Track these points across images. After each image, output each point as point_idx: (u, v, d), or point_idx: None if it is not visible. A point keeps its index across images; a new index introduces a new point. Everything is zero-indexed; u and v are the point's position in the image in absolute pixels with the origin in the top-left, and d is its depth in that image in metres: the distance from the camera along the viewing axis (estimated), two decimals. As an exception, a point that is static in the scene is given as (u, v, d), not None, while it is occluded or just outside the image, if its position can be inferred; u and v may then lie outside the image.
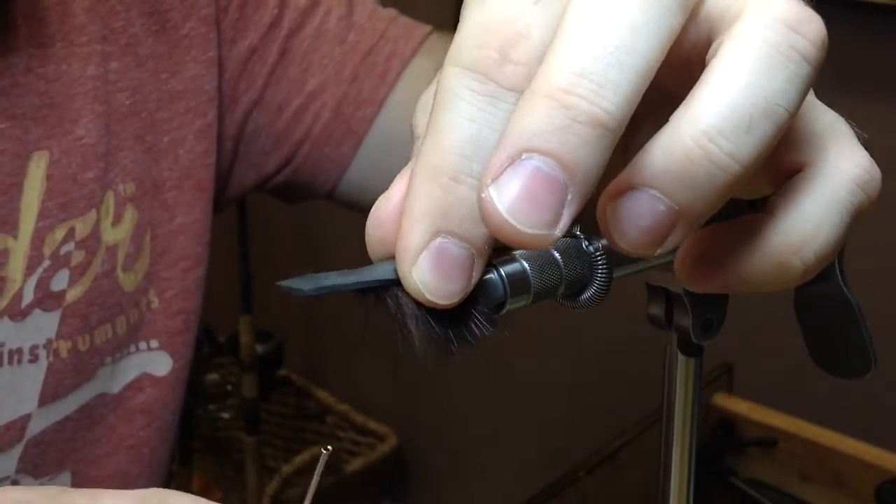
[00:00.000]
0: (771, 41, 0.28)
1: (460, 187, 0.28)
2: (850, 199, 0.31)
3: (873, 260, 1.17)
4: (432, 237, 0.29)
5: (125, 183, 0.64)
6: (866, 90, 1.32)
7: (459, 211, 0.28)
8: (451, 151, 0.28)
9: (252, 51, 0.71)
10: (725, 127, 0.27)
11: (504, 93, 0.28)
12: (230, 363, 2.08)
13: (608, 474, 1.05)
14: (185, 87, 0.67)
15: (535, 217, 0.26)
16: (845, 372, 0.42)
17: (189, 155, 0.68)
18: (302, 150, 0.73)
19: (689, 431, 0.41)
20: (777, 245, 0.30)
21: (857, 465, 1.06)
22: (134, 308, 0.66)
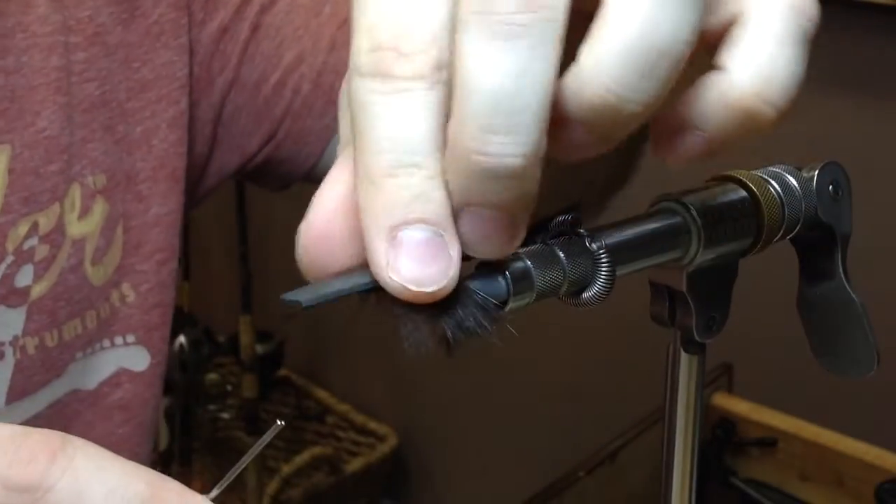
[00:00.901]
0: None
1: (395, 180, 0.29)
2: (791, 27, 0.31)
3: (876, 259, 1.17)
4: (391, 235, 0.29)
5: (94, 175, 0.63)
6: (866, 90, 1.32)
7: (403, 199, 0.29)
8: (377, 152, 0.29)
9: (223, 30, 0.69)
10: (624, 76, 0.28)
11: (409, 83, 0.29)
12: (230, 363, 2.08)
13: (608, 474, 1.06)
14: (157, 74, 0.66)
15: (500, 247, 0.29)
16: (848, 371, 0.42)
17: (163, 144, 0.66)
18: (284, 126, 0.72)
19: (692, 430, 0.41)
20: (739, 97, 0.30)
21: (857, 465, 1.06)
22: (104, 302, 0.64)
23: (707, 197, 0.36)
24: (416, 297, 0.29)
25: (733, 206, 0.36)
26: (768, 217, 0.37)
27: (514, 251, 0.32)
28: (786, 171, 0.39)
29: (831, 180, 0.39)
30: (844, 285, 0.40)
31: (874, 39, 1.30)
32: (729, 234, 0.36)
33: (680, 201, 0.36)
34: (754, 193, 0.37)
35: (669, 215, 0.36)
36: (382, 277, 0.29)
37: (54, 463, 0.32)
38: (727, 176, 0.38)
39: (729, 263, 0.38)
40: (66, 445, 0.32)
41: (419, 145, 0.29)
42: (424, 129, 0.29)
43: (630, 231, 0.34)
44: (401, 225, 0.29)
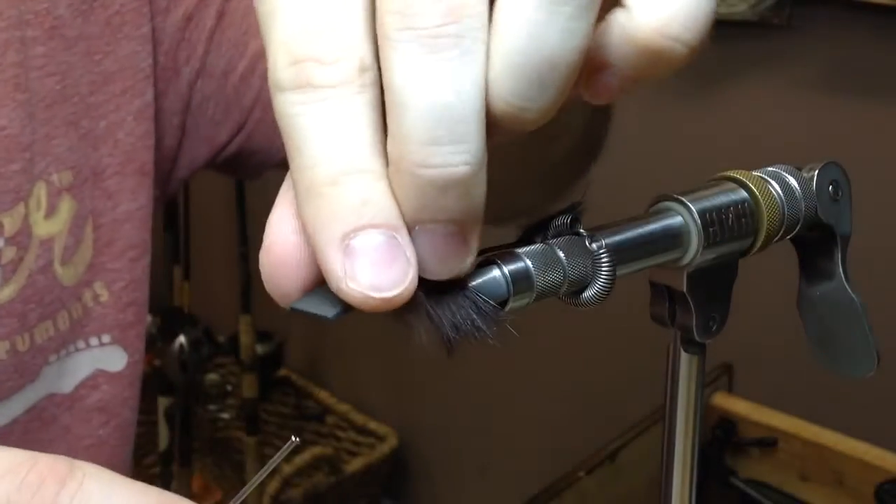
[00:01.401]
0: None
1: (339, 188, 0.28)
2: None
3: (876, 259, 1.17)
4: (343, 244, 0.28)
5: (59, 172, 0.61)
6: (866, 90, 1.32)
7: (350, 206, 0.28)
8: (314, 165, 0.28)
9: (188, 18, 0.68)
10: (518, 88, 0.28)
11: (335, 90, 0.29)
12: (230, 363, 2.08)
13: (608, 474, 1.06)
14: (120, 66, 0.64)
15: (455, 264, 0.29)
16: (848, 371, 0.42)
17: (129, 138, 0.65)
18: (254, 115, 0.70)
19: (692, 430, 0.41)
20: (642, 35, 0.29)
21: (857, 465, 1.06)
22: (76, 302, 0.63)
23: (707, 197, 0.36)
24: (379, 305, 0.28)
25: (733, 206, 0.36)
26: (768, 217, 0.37)
27: (515, 251, 0.32)
28: (786, 171, 0.39)
29: (831, 180, 0.39)
30: (844, 285, 0.40)
31: (874, 39, 1.30)
32: (729, 235, 0.36)
33: (680, 201, 0.36)
34: (754, 193, 0.37)
35: (669, 215, 0.36)
36: (341, 289, 0.28)
37: (64, 487, 0.32)
38: (727, 176, 0.38)
39: (729, 263, 0.38)
40: (74, 470, 0.32)
41: (358, 151, 0.28)
42: (361, 134, 0.28)
43: (630, 231, 0.34)
44: (352, 232, 0.28)
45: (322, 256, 0.28)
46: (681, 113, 1.50)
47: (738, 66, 1.43)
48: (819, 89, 1.35)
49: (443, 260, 0.29)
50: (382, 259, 0.28)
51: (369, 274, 0.28)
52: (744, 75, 1.43)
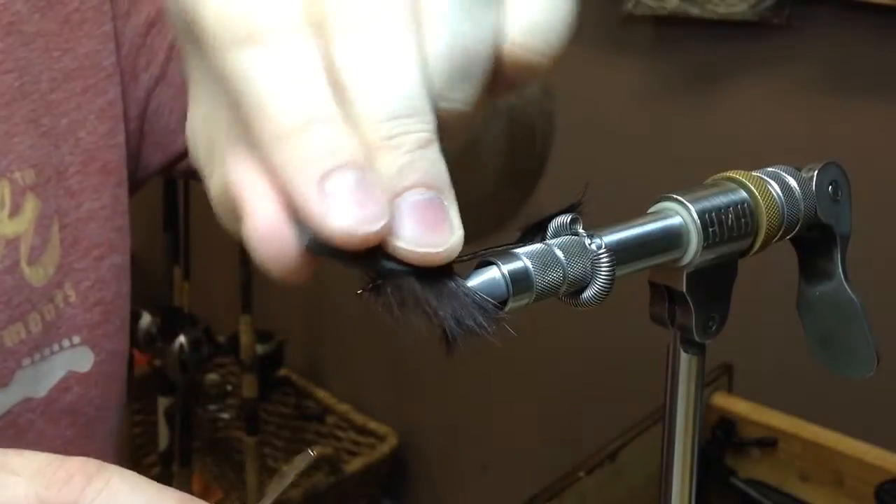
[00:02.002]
0: None
1: (310, 132, 0.29)
2: None
3: (876, 259, 1.17)
4: (320, 186, 0.29)
5: (22, 171, 0.60)
6: (866, 90, 1.32)
7: (324, 148, 0.29)
8: (280, 112, 0.29)
9: (150, 24, 0.67)
10: (448, 85, 0.31)
11: (285, 37, 0.30)
12: (230, 363, 2.08)
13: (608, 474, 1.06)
14: (80, 64, 0.63)
15: (438, 236, 0.30)
16: (848, 371, 0.42)
17: (91, 137, 0.64)
18: None
19: (692, 430, 0.41)
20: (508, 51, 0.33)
21: (857, 465, 1.06)
22: (48, 304, 0.62)
23: (706, 197, 0.36)
24: (362, 241, 0.29)
25: (733, 206, 0.36)
26: (768, 217, 0.37)
27: (514, 251, 0.32)
28: (785, 172, 0.39)
29: (831, 180, 0.39)
30: (844, 285, 0.40)
31: (874, 39, 1.30)
32: (728, 235, 0.36)
33: (679, 201, 0.36)
34: (754, 194, 0.37)
35: (669, 215, 0.36)
36: (324, 229, 0.28)
37: (90, 484, 0.33)
38: (727, 176, 0.38)
39: (728, 263, 0.38)
40: (102, 470, 0.33)
41: (321, 97, 0.29)
42: (320, 81, 0.29)
43: (630, 231, 0.34)
44: (328, 173, 0.29)
45: (301, 200, 0.29)
46: (681, 113, 1.49)
47: (738, 66, 1.43)
48: (819, 89, 1.35)
49: (430, 227, 0.29)
50: (360, 196, 0.29)
51: (350, 211, 0.28)
52: (744, 75, 1.43)
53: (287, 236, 0.30)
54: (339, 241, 0.29)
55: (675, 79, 1.49)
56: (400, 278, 0.30)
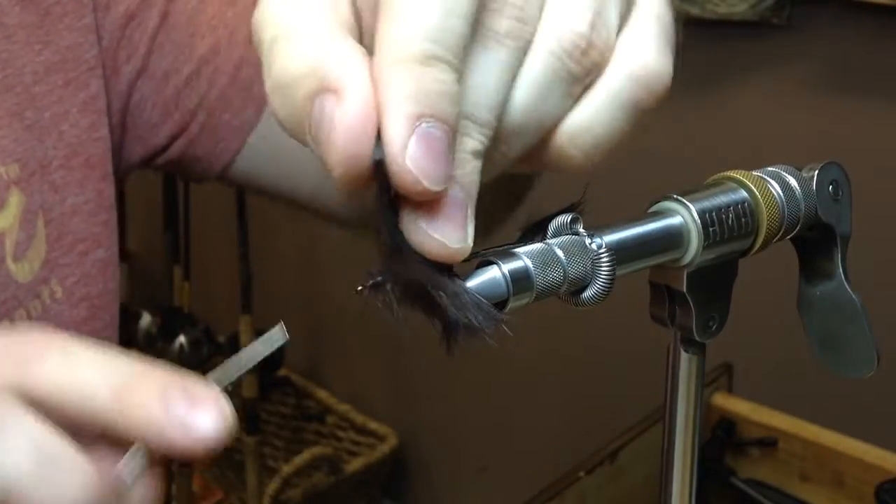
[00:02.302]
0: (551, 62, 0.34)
1: (430, 70, 0.30)
2: (627, 94, 0.34)
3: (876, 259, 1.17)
4: (414, 122, 0.29)
5: (6, 165, 0.59)
6: (866, 90, 1.32)
7: (433, 91, 0.30)
8: (418, 36, 0.30)
9: (129, 17, 0.66)
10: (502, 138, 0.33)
11: None
12: (230, 363, 2.07)
13: (608, 474, 1.05)
14: (62, 57, 0.62)
15: (458, 233, 0.31)
16: (848, 370, 0.42)
17: (74, 130, 0.63)
18: (197, 119, 0.69)
19: (692, 429, 0.41)
20: (555, 136, 0.34)
21: (857, 465, 1.06)
22: (35, 300, 0.61)
23: (707, 197, 0.36)
24: (421, 193, 0.29)
25: (733, 206, 0.36)
26: (768, 217, 0.37)
27: (514, 251, 0.32)
28: (786, 171, 0.39)
29: (831, 180, 0.39)
30: (844, 285, 0.40)
31: (874, 39, 1.30)
32: (729, 235, 0.36)
33: (680, 201, 0.36)
34: (754, 193, 0.37)
35: (669, 215, 0.36)
36: (397, 159, 0.29)
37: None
38: (727, 176, 0.38)
39: (729, 263, 0.38)
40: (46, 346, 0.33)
41: (456, 44, 0.30)
42: (462, 31, 0.30)
43: (630, 231, 0.34)
44: (426, 116, 0.29)
45: (390, 121, 0.29)
46: (681, 113, 1.49)
47: (738, 66, 1.43)
48: (819, 89, 1.35)
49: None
50: (439, 153, 0.30)
51: (426, 159, 0.29)
52: (744, 75, 1.43)
53: (372, 131, 0.30)
54: (401, 181, 0.29)
55: (676, 79, 1.49)
56: (401, 276, 0.30)
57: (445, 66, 0.30)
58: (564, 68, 0.33)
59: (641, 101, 0.35)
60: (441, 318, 0.30)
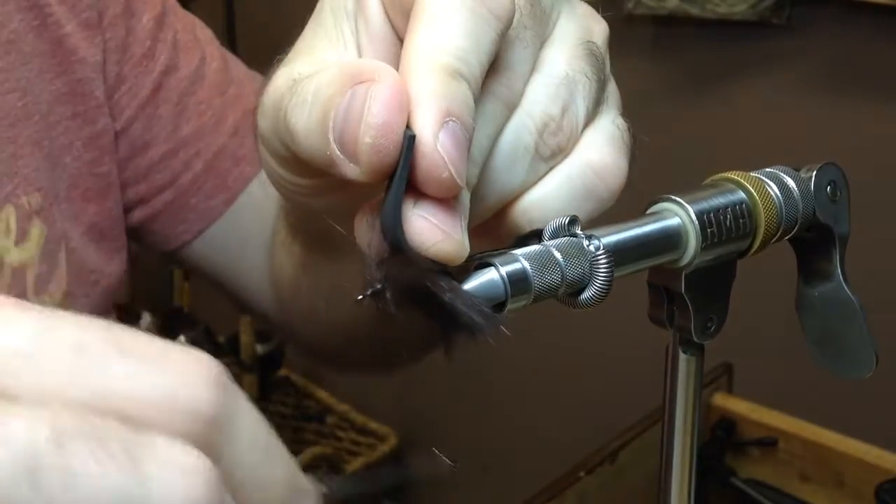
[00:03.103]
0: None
1: (457, 83, 0.32)
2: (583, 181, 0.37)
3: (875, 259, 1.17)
4: (445, 117, 0.31)
5: (28, 194, 0.58)
6: (866, 90, 1.32)
7: (460, 101, 0.32)
8: (449, 54, 0.32)
9: (121, 80, 0.66)
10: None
11: (496, 20, 0.34)
12: (230, 363, 2.07)
13: (608, 474, 1.05)
14: (72, 90, 0.62)
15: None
16: (847, 371, 0.41)
17: (76, 163, 0.62)
18: (163, 196, 0.68)
19: (690, 431, 0.41)
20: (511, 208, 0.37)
21: (857, 465, 1.06)
22: None
23: (705, 198, 0.36)
24: (445, 181, 0.31)
25: (731, 207, 0.36)
26: (766, 218, 0.37)
27: (512, 252, 0.32)
28: (784, 172, 0.38)
29: (829, 181, 0.39)
30: (843, 286, 0.40)
31: (874, 39, 1.30)
32: (727, 236, 0.36)
33: (678, 202, 0.36)
34: (752, 194, 0.37)
35: (667, 216, 0.36)
36: (430, 143, 0.31)
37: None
38: (725, 177, 0.38)
39: (727, 264, 0.38)
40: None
41: (478, 72, 0.33)
42: (483, 63, 0.33)
43: (628, 232, 0.34)
44: (453, 115, 0.31)
45: (425, 113, 0.31)
46: (680, 113, 1.49)
47: (738, 66, 1.43)
48: (819, 89, 1.35)
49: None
50: (463, 150, 0.32)
51: (455, 153, 0.31)
52: (744, 75, 1.43)
53: (406, 107, 0.32)
54: (431, 166, 0.31)
55: (675, 79, 1.49)
56: (399, 281, 0.30)
57: (467, 85, 0.32)
58: (532, 142, 0.36)
59: (596, 191, 0.37)
60: (439, 321, 0.30)
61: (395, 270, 0.30)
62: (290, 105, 0.34)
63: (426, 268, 0.30)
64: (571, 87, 0.37)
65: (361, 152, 0.31)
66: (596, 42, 0.39)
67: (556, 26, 0.38)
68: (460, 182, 0.31)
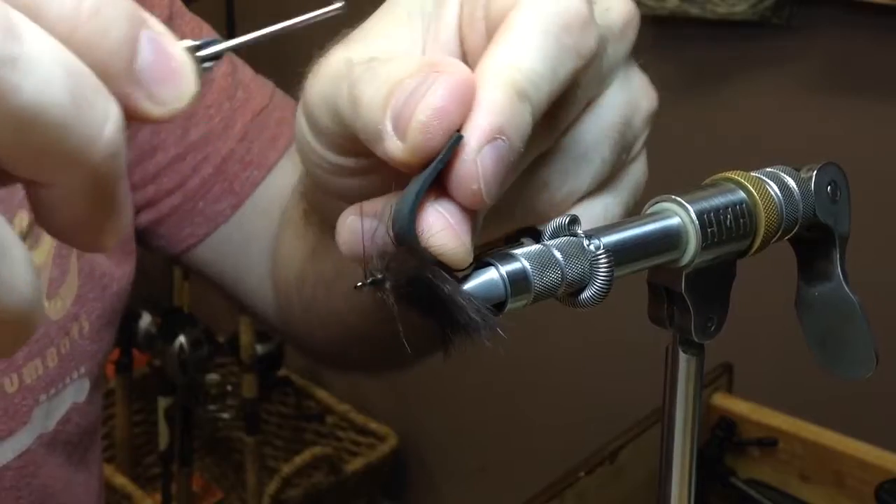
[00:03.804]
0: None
1: (521, 105, 0.32)
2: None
3: (875, 259, 1.17)
4: (495, 133, 0.31)
5: None
6: (866, 90, 1.32)
7: (518, 122, 0.32)
8: (523, 74, 0.32)
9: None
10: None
11: (577, 56, 0.34)
12: (230, 363, 2.08)
13: (608, 474, 1.05)
14: None
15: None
16: (847, 371, 0.41)
17: None
18: (171, 200, 0.69)
19: (690, 431, 0.40)
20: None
21: (857, 465, 1.06)
22: (64, 337, 0.60)
23: (705, 198, 0.36)
24: (473, 194, 0.31)
25: (731, 206, 0.36)
26: (766, 218, 0.37)
27: (512, 252, 0.32)
28: (784, 172, 0.38)
29: (829, 181, 0.39)
30: (843, 286, 0.40)
31: (874, 39, 1.30)
32: (727, 235, 0.36)
33: (678, 202, 0.36)
34: (752, 194, 0.37)
35: (667, 216, 0.36)
36: (470, 157, 0.31)
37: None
38: (725, 177, 0.38)
39: (727, 264, 0.38)
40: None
41: (547, 99, 0.33)
42: (557, 90, 0.33)
43: (628, 232, 0.34)
44: (506, 133, 0.32)
45: (478, 125, 0.32)
46: (681, 113, 1.49)
47: (738, 66, 1.43)
48: (819, 89, 1.35)
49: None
50: (502, 167, 0.32)
51: (491, 168, 0.32)
52: (744, 75, 1.43)
53: (470, 101, 0.32)
54: (466, 173, 0.31)
55: (675, 79, 1.49)
56: (400, 275, 0.30)
57: (530, 109, 0.32)
58: None
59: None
60: (438, 320, 0.30)
61: (397, 262, 0.30)
62: (360, 77, 0.34)
63: (429, 262, 0.30)
64: (583, 166, 0.38)
65: (411, 129, 0.31)
66: (636, 123, 0.40)
67: (608, 92, 0.39)
68: (487, 200, 0.31)
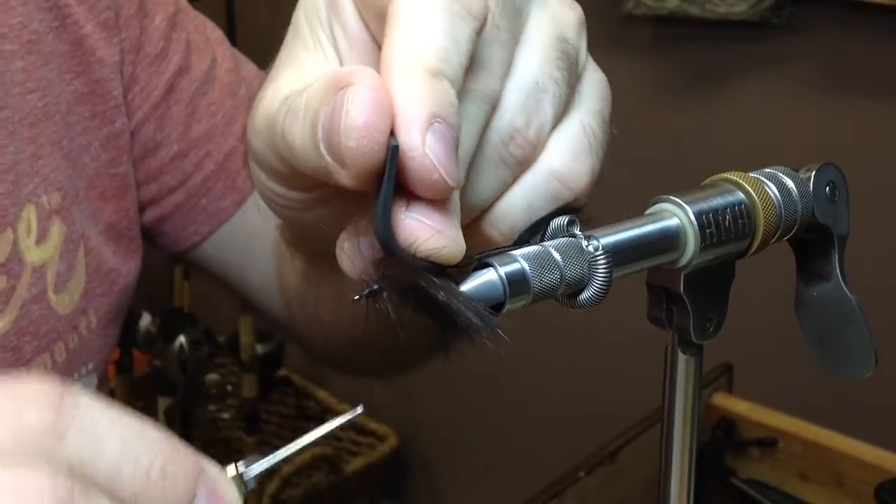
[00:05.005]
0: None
1: (440, 83, 0.32)
2: (546, 188, 0.38)
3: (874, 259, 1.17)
4: (430, 122, 0.31)
5: (48, 194, 0.58)
6: (866, 90, 1.32)
7: (444, 102, 0.32)
8: (429, 54, 0.32)
9: (134, 80, 0.66)
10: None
11: (471, 18, 0.33)
12: (230, 363, 2.08)
13: (608, 474, 1.05)
14: (91, 90, 0.62)
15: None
16: (847, 371, 0.41)
17: (94, 163, 0.63)
18: (174, 197, 0.69)
19: (690, 431, 0.41)
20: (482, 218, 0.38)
21: (857, 465, 1.06)
22: (73, 332, 0.60)
23: (704, 198, 0.36)
24: (436, 183, 0.31)
25: (730, 207, 0.36)
26: (765, 218, 0.37)
27: (511, 253, 0.32)
28: (783, 173, 0.38)
29: (828, 181, 0.39)
30: (842, 286, 0.40)
31: (874, 39, 1.30)
32: (726, 236, 0.36)
33: (677, 203, 0.36)
34: (751, 195, 0.37)
35: (666, 217, 0.36)
36: (418, 148, 0.31)
37: (61, 408, 0.26)
38: (724, 177, 0.38)
39: (726, 265, 0.38)
40: (65, 394, 0.27)
41: (458, 70, 0.33)
42: (462, 62, 0.33)
43: (627, 233, 0.34)
44: (438, 116, 0.31)
45: (409, 119, 0.31)
46: (680, 113, 1.49)
47: (738, 66, 1.43)
48: (819, 89, 1.35)
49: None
50: (451, 150, 0.32)
51: (443, 154, 0.31)
52: (744, 75, 1.43)
53: (388, 108, 0.32)
54: (423, 170, 0.31)
55: (675, 79, 1.49)
56: (397, 282, 0.30)
57: (450, 84, 0.32)
58: (497, 154, 0.36)
59: (562, 197, 0.37)
60: (438, 322, 0.30)
61: (392, 271, 0.30)
62: (285, 121, 0.34)
63: (423, 268, 0.30)
64: (539, 96, 0.37)
65: (346, 156, 0.31)
66: (569, 36, 0.38)
67: (529, 22, 0.38)
68: (451, 182, 0.31)
